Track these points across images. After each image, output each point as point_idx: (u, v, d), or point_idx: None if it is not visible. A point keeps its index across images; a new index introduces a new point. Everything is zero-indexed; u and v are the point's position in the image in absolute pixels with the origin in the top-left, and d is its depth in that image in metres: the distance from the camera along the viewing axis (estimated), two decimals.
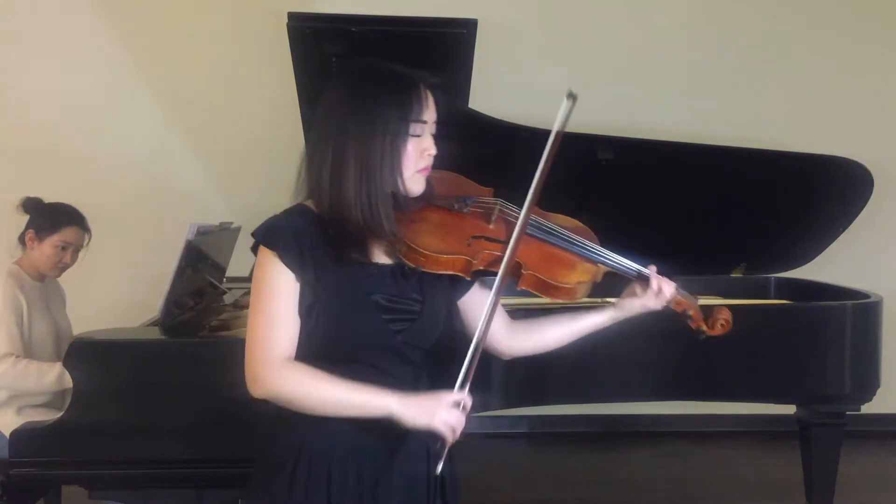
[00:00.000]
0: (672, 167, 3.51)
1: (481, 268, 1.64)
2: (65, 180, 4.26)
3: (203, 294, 3.22)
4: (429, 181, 1.63)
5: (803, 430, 3.13)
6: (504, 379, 2.70)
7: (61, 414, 2.47)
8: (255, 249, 1.59)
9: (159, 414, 2.44)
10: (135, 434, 2.43)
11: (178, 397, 2.43)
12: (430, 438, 1.58)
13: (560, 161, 1.71)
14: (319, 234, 1.56)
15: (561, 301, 1.73)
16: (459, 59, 3.11)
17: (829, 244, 3.84)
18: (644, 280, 1.78)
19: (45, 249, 3.08)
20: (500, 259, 1.63)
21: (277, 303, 1.54)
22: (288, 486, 1.57)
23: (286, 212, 1.61)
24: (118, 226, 4.42)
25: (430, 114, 1.59)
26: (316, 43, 2.93)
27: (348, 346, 1.58)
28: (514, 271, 1.68)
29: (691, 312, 1.82)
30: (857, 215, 3.76)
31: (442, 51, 3.06)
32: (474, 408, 1.60)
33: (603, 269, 1.77)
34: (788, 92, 4.95)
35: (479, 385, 1.61)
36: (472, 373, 1.56)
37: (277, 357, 1.53)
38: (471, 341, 1.61)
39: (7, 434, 2.55)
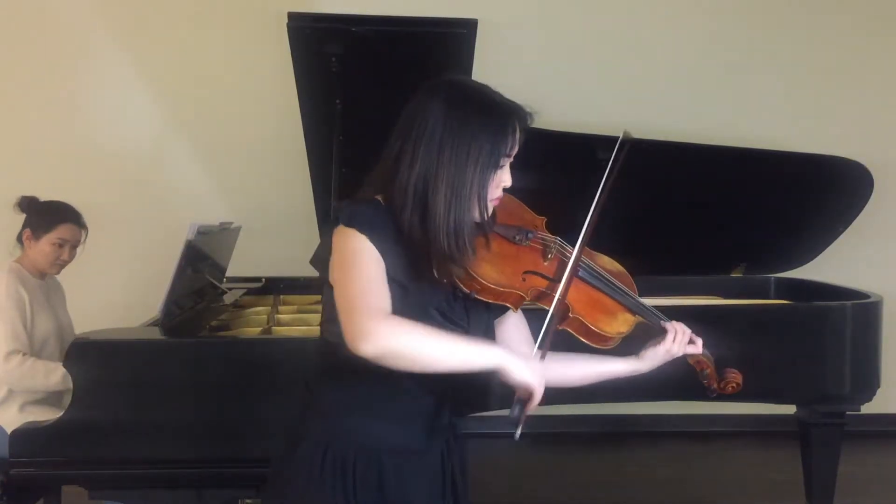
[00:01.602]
0: (672, 167, 3.51)
1: (531, 302, 1.66)
2: (65, 180, 4.26)
3: (203, 294, 3.23)
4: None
5: (803, 430, 3.13)
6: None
7: (61, 414, 2.47)
8: (327, 234, 1.58)
9: (159, 414, 2.44)
10: (135, 434, 2.43)
11: (178, 397, 2.44)
12: (454, 429, 1.63)
13: (560, 161, 1.72)
14: (394, 233, 1.55)
15: (595, 346, 1.74)
16: (459, 59, 3.11)
17: (829, 244, 3.84)
18: (660, 329, 1.80)
19: (43, 247, 3.10)
20: (547, 295, 1.65)
21: (370, 268, 1.51)
22: (315, 482, 1.59)
23: (366, 202, 1.59)
24: (118, 226, 4.43)
25: (516, 148, 1.61)
26: (316, 43, 2.93)
27: None
28: (563, 314, 1.69)
29: (708, 372, 1.88)
30: (857, 215, 3.76)
31: (442, 51, 3.06)
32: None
33: (639, 320, 1.79)
34: (788, 92, 4.95)
35: (479, 385, 1.61)
36: (547, 345, 1.60)
37: (382, 311, 1.48)
38: None
39: (9, 430, 2.55)
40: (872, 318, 3.04)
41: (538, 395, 1.50)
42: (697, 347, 1.82)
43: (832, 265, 3.98)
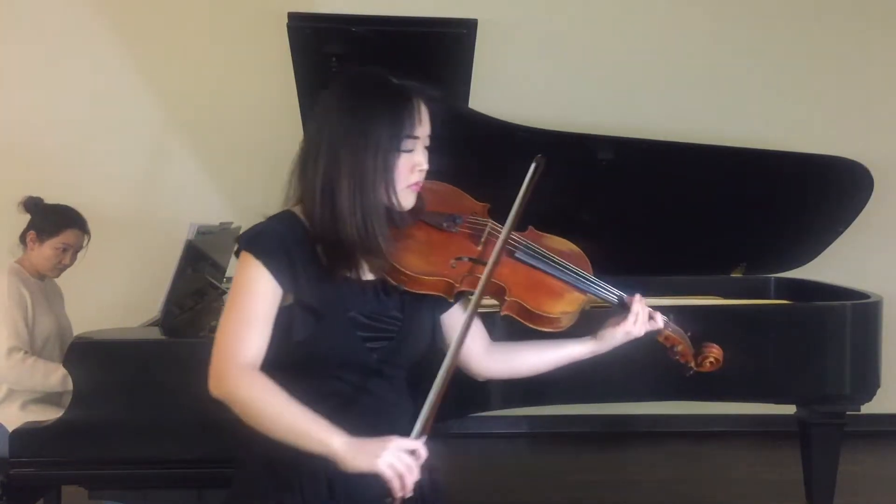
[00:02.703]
0: (672, 167, 3.51)
1: (465, 289, 1.59)
2: (65, 180, 4.26)
3: (203, 294, 3.23)
4: (420, 196, 1.59)
5: (803, 430, 3.13)
6: (504, 379, 2.70)
7: (61, 414, 2.47)
8: (237, 254, 1.55)
9: (159, 414, 2.44)
10: (135, 434, 2.43)
11: (177, 397, 2.43)
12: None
13: (560, 161, 1.71)
14: (305, 245, 1.53)
15: (544, 330, 1.66)
16: (459, 59, 3.11)
17: (829, 244, 3.84)
18: (622, 305, 1.73)
19: (45, 251, 3.10)
20: (479, 279, 1.57)
21: (255, 306, 1.50)
22: (264, 498, 1.54)
23: (273, 218, 1.58)
24: (118, 226, 4.43)
25: (423, 129, 1.56)
26: (316, 43, 2.93)
27: (323, 361, 1.54)
28: (498, 296, 1.63)
29: (679, 348, 1.78)
30: (857, 215, 3.76)
31: (442, 51, 3.06)
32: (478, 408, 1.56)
33: (592, 298, 1.71)
34: (788, 92, 4.95)
35: (479, 385, 1.59)
36: (430, 422, 1.45)
37: (246, 360, 1.48)
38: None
39: (10, 428, 2.55)
40: (872, 318, 3.04)
41: (389, 479, 1.38)
42: (658, 323, 1.73)
43: (832, 265, 3.97)
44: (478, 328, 1.73)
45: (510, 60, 4.71)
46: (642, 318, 1.72)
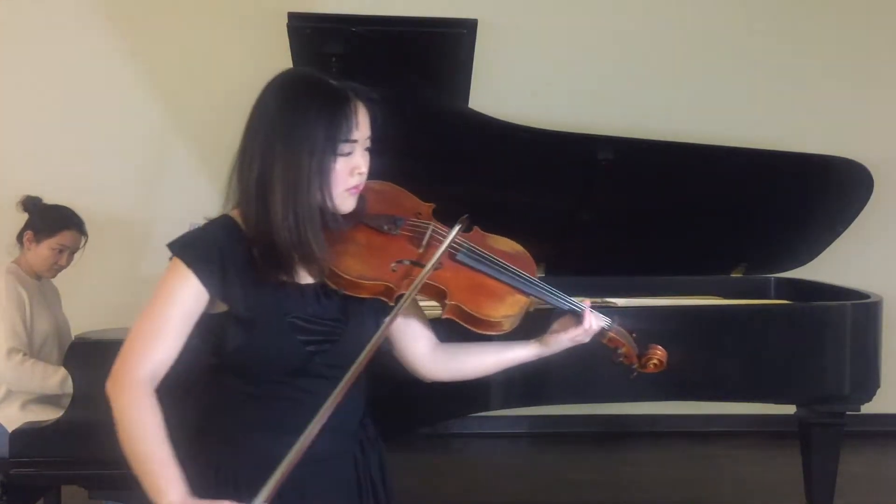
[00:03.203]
0: (672, 167, 3.51)
1: (405, 293, 1.55)
2: (64, 180, 4.26)
3: None
4: (362, 198, 1.56)
5: (803, 430, 3.13)
6: (504, 379, 2.70)
7: (61, 414, 2.47)
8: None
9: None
10: None
11: (177, 397, 2.43)
12: (364, 430, 1.56)
13: (561, 161, 1.71)
14: (241, 250, 1.50)
15: (486, 334, 1.64)
16: (459, 59, 3.11)
17: (829, 244, 3.84)
18: (576, 315, 1.71)
19: (42, 251, 3.10)
20: (427, 285, 1.55)
21: (171, 314, 1.48)
22: None
23: (209, 224, 1.56)
24: (118, 226, 4.43)
25: (361, 132, 1.51)
26: (316, 43, 2.93)
27: (265, 366, 1.52)
28: (439, 300, 1.60)
29: (623, 350, 1.76)
30: (857, 215, 3.76)
31: (442, 51, 3.06)
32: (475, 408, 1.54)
33: (535, 301, 1.68)
34: (788, 92, 4.95)
35: (479, 385, 1.57)
36: (277, 486, 1.37)
37: (144, 374, 1.48)
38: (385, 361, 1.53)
39: (10, 428, 2.56)
40: (872, 318, 3.04)
41: None
42: (603, 325, 1.72)
43: (832, 265, 3.97)
44: (423, 330, 1.71)
45: (510, 60, 4.71)
46: (593, 330, 1.71)
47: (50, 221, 3.11)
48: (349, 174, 1.51)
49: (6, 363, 2.89)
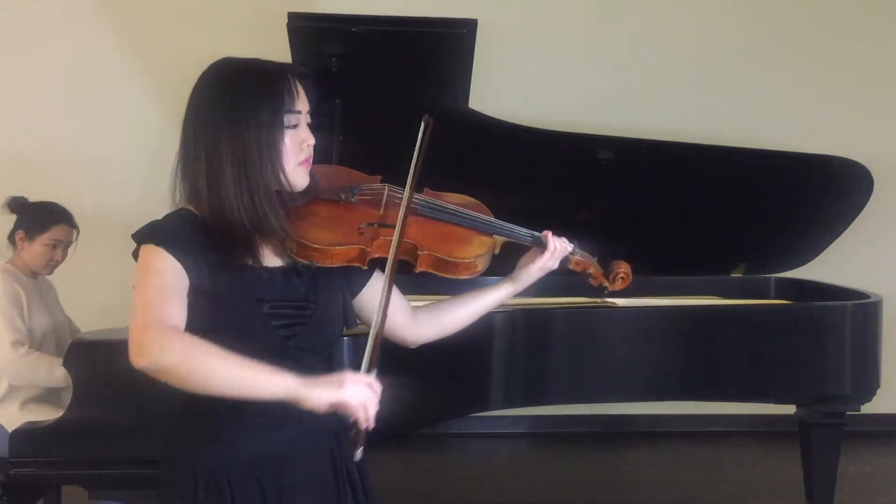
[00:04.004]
0: (672, 167, 3.51)
1: (377, 255, 1.60)
2: (65, 180, 4.26)
3: None
4: (313, 175, 1.59)
5: (803, 430, 3.13)
6: (504, 379, 2.71)
7: (61, 414, 2.47)
8: (135, 255, 1.51)
9: (159, 414, 2.44)
10: (135, 434, 2.43)
11: (177, 397, 2.43)
12: (341, 424, 1.51)
13: (561, 161, 1.71)
14: (204, 238, 1.49)
15: (463, 277, 1.70)
16: (459, 59, 3.12)
17: (829, 244, 3.84)
18: (540, 244, 1.77)
19: (36, 248, 3.11)
20: (389, 241, 1.60)
21: (159, 279, 1.44)
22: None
23: (168, 215, 1.55)
24: (118, 226, 4.41)
25: (302, 104, 1.54)
26: (316, 43, 2.93)
27: (237, 350, 1.43)
28: (411, 254, 1.65)
29: (591, 271, 1.85)
30: (857, 215, 3.76)
31: (442, 51, 3.06)
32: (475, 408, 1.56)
33: (500, 239, 1.76)
34: (788, 92, 4.95)
35: (480, 385, 1.59)
36: (376, 356, 1.47)
37: (165, 324, 1.39)
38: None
39: (10, 428, 2.55)
40: (872, 318, 3.04)
41: (354, 410, 1.38)
42: (568, 249, 1.78)
43: (832, 265, 3.98)
44: (398, 301, 1.73)
45: (510, 60, 4.71)
46: (559, 251, 1.76)
47: (39, 218, 3.12)
48: (298, 147, 1.53)
49: (12, 354, 2.90)
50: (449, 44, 3.04)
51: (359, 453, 1.44)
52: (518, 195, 3.35)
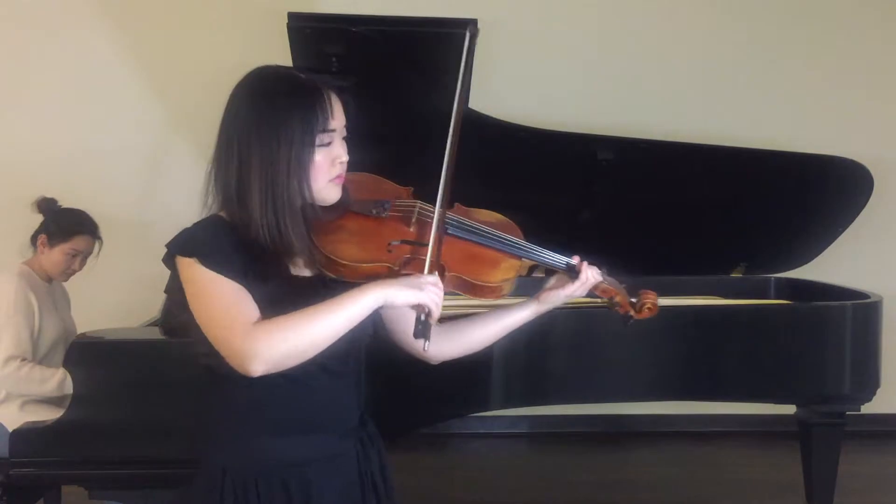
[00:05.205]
0: (672, 167, 3.51)
1: (406, 272, 1.59)
2: (65, 180, 4.26)
3: None
4: (344, 187, 1.58)
5: (803, 430, 3.13)
6: (504, 379, 2.70)
7: (61, 414, 2.47)
8: (168, 264, 1.53)
9: (159, 414, 2.44)
10: (135, 434, 2.43)
11: (178, 397, 2.43)
12: (365, 429, 1.61)
13: (561, 161, 1.71)
14: (240, 244, 1.49)
15: (487, 301, 1.69)
16: (459, 59, 3.11)
17: (829, 244, 3.84)
18: (573, 272, 1.74)
19: (55, 255, 3.08)
20: (417, 260, 1.59)
21: (222, 288, 1.45)
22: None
23: (201, 222, 1.55)
24: (119, 226, 4.42)
25: (337, 121, 1.54)
26: (316, 43, 2.93)
27: None
28: (438, 274, 1.62)
29: (618, 299, 1.80)
30: (857, 215, 3.76)
31: (442, 51, 3.06)
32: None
33: (528, 263, 1.74)
34: (788, 92, 4.95)
35: (480, 385, 1.60)
36: (435, 261, 1.55)
37: (250, 325, 1.44)
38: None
39: (10, 428, 2.55)
40: (872, 318, 3.04)
41: (433, 306, 1.48)
42: (597, 276, 1.74)
43: (832, 265, 3.97)
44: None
45: (510, 60, 4.71)
46: (591, 281, 1.74)
47: (65, 225, 3.09)
48: (331, 164, 1.53)
49: (2, 370, 2.88)
50: (449, 44, 3.03)
51: (427, 344, 1.50)
52: (518, 195, 3.36)
